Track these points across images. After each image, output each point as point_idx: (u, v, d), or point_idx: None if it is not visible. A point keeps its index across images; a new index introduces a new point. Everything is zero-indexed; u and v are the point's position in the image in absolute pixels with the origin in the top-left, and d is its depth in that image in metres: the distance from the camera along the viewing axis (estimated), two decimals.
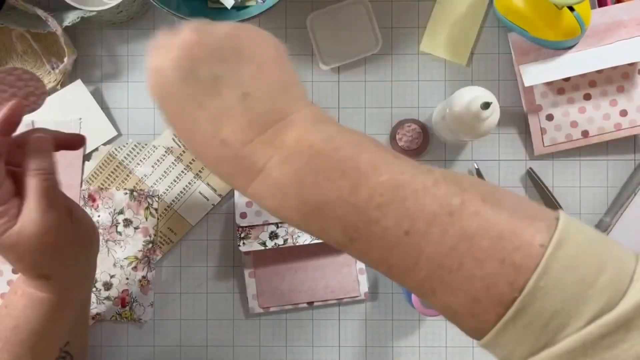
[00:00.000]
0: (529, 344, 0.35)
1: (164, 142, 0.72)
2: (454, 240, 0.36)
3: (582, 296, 0.34)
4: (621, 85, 0.71)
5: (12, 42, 0.71)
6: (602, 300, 0.33)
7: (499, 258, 0.35)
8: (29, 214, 0.50)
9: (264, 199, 0.41)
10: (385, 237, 0.37)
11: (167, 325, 0.73)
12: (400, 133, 0.72)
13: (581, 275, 0.34)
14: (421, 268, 0.37)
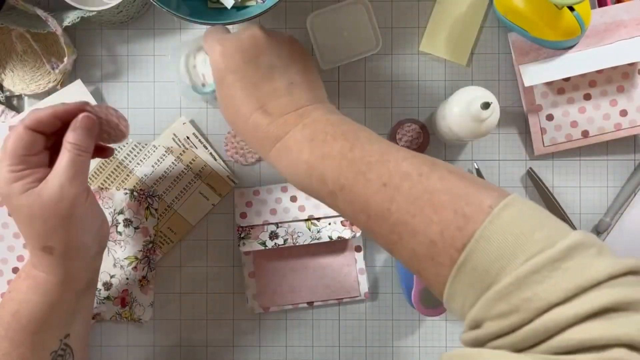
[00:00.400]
0: (477, 287, 0.41)
1: (164, 142, 0.72)
2: (419, 193, 0.45)
3: (519, 244, 0.40)
4: (621, 85, 0.71)
5: (12, 42, 0.71)
6: (535, 248, 0.40)
7: (453, 209, 0.43)
8: (52, 180, 0.54)
9: (282, 157, 0.53)
10: (368, 187, 0.48)
11: (167, 325, 0.73)
12: (400, 133, 0.72)
13: (520, 229, 0.41)
14: (392, 213, 0.46)
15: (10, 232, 0.72)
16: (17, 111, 0.72)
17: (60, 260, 0.56)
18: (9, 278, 0.72)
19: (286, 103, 0.55)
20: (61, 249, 0.56)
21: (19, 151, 0.54)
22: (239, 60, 0.55)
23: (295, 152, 0.52)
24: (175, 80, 0.72)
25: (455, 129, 0.64)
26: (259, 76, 0.55)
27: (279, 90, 0.55)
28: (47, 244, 0.55)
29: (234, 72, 0.55)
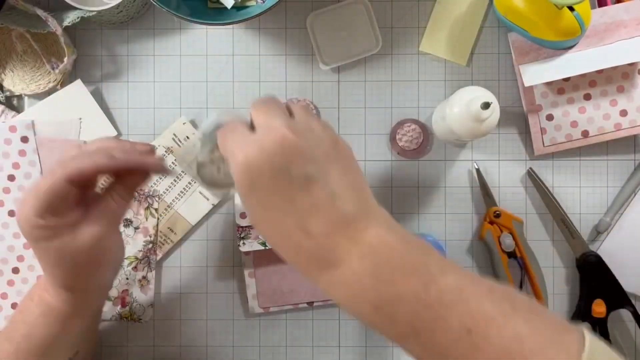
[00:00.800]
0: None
1: (163, 142, 0.72)
2: (508, 340, 0.40)
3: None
4: (621, 85, 0.71)
5: (12, 42, 0.71)
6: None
7: (545, 358, 0.39)
8: (90, 228, 0.52)
9: (338, 289, 0.45)
10: (449, 334, 0.41)
11: (167, 325, 0.73)
12: (400, 133, 0.72)
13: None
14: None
15: (10, 232, 0.72)
16: (17, 111, 0.72)
17: (79, 296, 0.56)
18: (9, 278, 0.72)
19: (330, 220, 0.45)
20: (82, 287, 0.55)
21: (53, 201, 0.50)
22: (267, 175, 0.45)
23: (357, 290, 0.44)
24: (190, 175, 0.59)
25: (455, 129, 0.64)
26: (293, 190, 0.45)
27: (318, 205, 0.45)
28: (67, 282, 0.54)
29: (263, 189, 0.45)
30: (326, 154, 0.47)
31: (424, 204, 0.73)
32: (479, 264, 0.73)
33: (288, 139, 0.45)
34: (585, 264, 0.71)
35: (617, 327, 0.73)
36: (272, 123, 0.46)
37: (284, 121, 0.46)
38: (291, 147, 0.45)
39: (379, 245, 0.45)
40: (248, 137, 0.46)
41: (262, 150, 0.45)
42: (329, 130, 0.49)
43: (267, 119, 0.47)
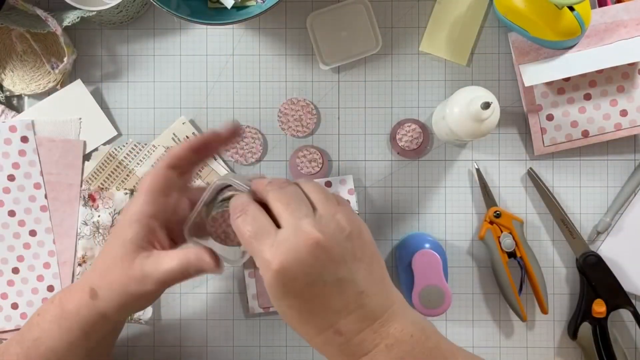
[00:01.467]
0: None
1: (163, 141, 0.72)
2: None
3: None
4: (621, 85, 0.71)
5: (12, 42, 0.71)
6: None
7: None
8: (156, 270, 0.52)
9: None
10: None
11: (167, 325, 0.73)
12: (400, 133, 0.72)
13: None
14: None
15: (10, 232, 0.72)
16: (17, 111, 0.72)
17: (93, 308, 0.55)
18: (9, 278, 0.72)
19: (359, 319, 0.48)
20: (102, 304, 0.54)
21: (159, 187, 0.54)
22: (301, 282, 0.46)
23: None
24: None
25: (455, 129, 0.64)
26: (325, 295, 0.47)
27: (349, 306, 0.47)
28: (98, 290, 0.54)
29: (297, 296, 0.47)
30: (353, 254, 0.48)
31: (424, 204, 0.73)
32: (479, 264, 0.73)
33: (321, 245, 0.46)
34: (586, 264, 0.71)
35: (617, 327, 0.73)
36: (300, 224, 0.46)
37: (312, 221, 0.47)
38: (324, 253, 0.46)
39: (402, 337, 0.48)
40: (276, 239, 0.46)
41: (297, 259, 0.45)
42: (351, 216, 0.49)
43: (293, 218, 0.47)
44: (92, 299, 0.54)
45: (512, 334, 0.73)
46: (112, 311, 0.55)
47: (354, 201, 0.71)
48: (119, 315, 0.56)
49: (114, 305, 0.54)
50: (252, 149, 0.73)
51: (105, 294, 0.54)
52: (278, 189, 0.49)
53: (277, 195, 0.48)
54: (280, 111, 0.73)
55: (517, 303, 0.70)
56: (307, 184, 0.51)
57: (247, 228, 0.48)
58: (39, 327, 0.57)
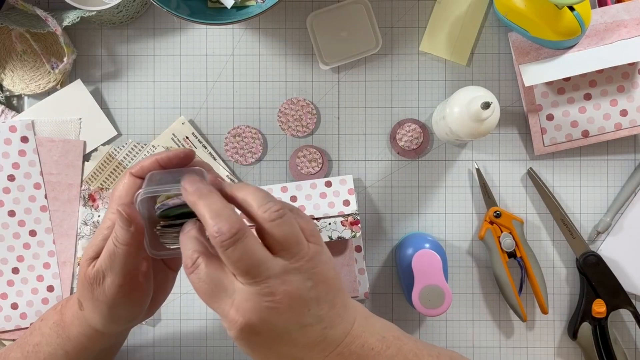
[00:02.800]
0: None
1: (163, 141, 0.72)
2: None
3: None
4: (621, 85, 0.70)
5: (12, 42, 0.71)
6: None
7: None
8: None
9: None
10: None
11: (167, 325, 0.73)
12: (400, 133, 0.72)
13: None
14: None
15: (10, 232, 0.72)
16: (17, 111, 0.72)
17: (84, 320, 0.54)
18: (9, 278, 0.72)
19: (323, 348, 0.48)
20: (88, 315, 0.53)
21: (125, 193, 0.51)
22: (266, 336, 0.45)
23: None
24: None
25: (455, 129, 0.64)
26: (291, 340, 0.46)
27: (314, 342, 0.47)
28: (82, 301, 0.53)
29: (263, 345, 0.46)
30: (317, 299, 0.46)
31: (424, 204, 0.73)
32: (479, 264, 0.73)
33: (283, 306, 0.44)
34: (586, 264, 0.71)
35: (617, 327, 0.73)
36: (260, 289, 0.44)
37: (273, 282, 0.44)
38: (288, 311, 0.44)
39: (364, 352, 0.49)
40: (235, 299, 0.44)
41: (259, 318, 0.44)
42: (316, 258, 0.46)
43: (252, 281, 0.44)
44: (80, 309, 0.54)
45: (512, 334, 0.73)
46: (99, 324, 0.53)
47: (354, 201, 0.71)
48: (106, 326, 0.54)
49: (97, 317, 0.53)
50: (252, 149, 0.73)
51: (87, 305, 0.53)
52: (230, 242, 0.43)
53: (229, 255, 0.43)
54: (280, 111, 0.73)
55: (517, 303, 0.70)
56: (266, 206, 0.45)
57: (203, 287, 0.44)
58: (40, 332, 0.57)
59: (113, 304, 0.51)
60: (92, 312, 0.53)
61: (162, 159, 0.51)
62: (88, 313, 0.53)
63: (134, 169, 0.51)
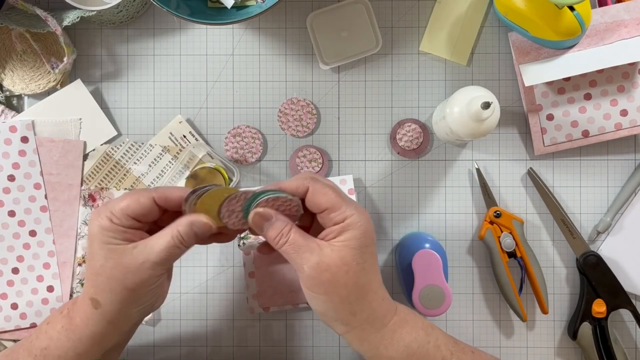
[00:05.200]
0: None
1: (160, 141, 0.72)
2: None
3: None
4: (621, 85, 0.70)
5: (12, 42, 0.71)
6: None
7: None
8: (140, 252, 0.53)
9: (403, 326, 0.56)
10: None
11: (167, 325, 0.73)
12: (400, 133, 0.72)
13: None
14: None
15: (10, 233, 0.72)
16: (17, 111, 0.72)
17: (100, 317, 0.55)
18: (9, 278, 0.72)
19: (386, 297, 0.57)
20: (106, 310, 0.54)
21: (130, 212, 0.53)
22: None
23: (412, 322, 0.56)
24: None
25: (455, 129, 0.64)
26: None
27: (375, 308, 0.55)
28: (98, 298, 0.54)
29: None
30: (372, 263, 0.55)
31: (424, 204, 0.73)
32: (479, 264, 0.73)
33: (353, 270, 0.53)
34: (586, 264, 0.71)
35: (617, 327, 0.73)
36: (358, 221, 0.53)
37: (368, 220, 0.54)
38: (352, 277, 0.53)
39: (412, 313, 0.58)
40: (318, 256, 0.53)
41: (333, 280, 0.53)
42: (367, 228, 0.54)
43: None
44: (95, 308, 0.54)
45: (512, 334, 0.73)
46: (117, 315, 0.55)
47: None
48: (125, 319, 0.56)
49: (117, 308, 0.54)
50: (252, 149, 0.73)
51: (105, 299, 0.54)
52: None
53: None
54: (280, 111, 0.72)
55: (517, 303, 0.70)
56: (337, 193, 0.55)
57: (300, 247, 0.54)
58: (48, 336, 0.57)
59: (142, 291, 0.54)
60: (111, 303, 0.54)
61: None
62: (107, 306, 0.54)
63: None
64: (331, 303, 0.53)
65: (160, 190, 0.54)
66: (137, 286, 0.53)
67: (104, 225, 0.53)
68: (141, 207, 0.53)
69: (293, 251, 0.53)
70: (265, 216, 0.54)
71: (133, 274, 0.53)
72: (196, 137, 0.72)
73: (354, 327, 0.54)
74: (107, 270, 0.53)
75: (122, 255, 0.53)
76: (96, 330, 0.55)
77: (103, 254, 0.53)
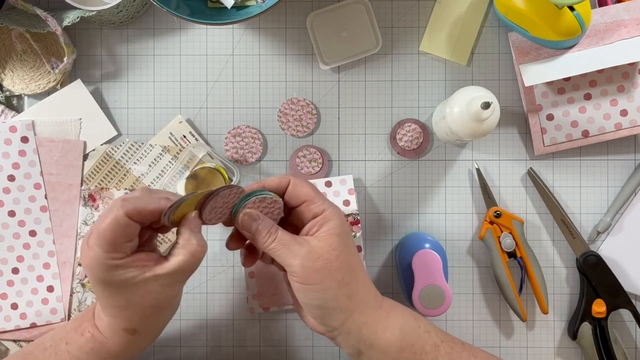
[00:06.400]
0: None
1: (160, 141, 0.72)
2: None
3: None
4: (621, 85, 0.70)
5: (12, 42, 0.71)
6: None
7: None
8: (162, 275, 0.54)
9: (394, 309, 0.59)
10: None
11: (167, 325, 0.73)
12: (400, 133, 0.72)
13: None
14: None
15: (10, 233, 0.72)
16: (17, 111, 0.72)
17: (139, 339, 0.57)
18: (9, 278, 0.72)
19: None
20: (144, 332, 0.57)
21: (118, 240, 0.52)
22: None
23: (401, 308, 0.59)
24: None
25: (455, 129, 0.64)
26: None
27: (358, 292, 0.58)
28: (133, 327, 0.56)
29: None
30: (354, 247, 0.58)
31: (424, 204, 0.73)
32: (479, 264, 0.73)
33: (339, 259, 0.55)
34: (586, 264, 0.71)
35: (617, 327, 0.73)
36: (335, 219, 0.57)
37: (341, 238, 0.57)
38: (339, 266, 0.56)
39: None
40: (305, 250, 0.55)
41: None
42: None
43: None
44: (133, 335, 0.56)
45: (512, 334, 0.73)
46: (155, 331, 0.59)
47: (354, 201, 0.71)
48: (159, 330, 0.60)
49: (156, 325, 0.58)
50: (252, 149, 0.73)
51: (141, 325, 0.56)
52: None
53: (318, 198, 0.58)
54: (280, 111, 0.73)
55: (517, 303, 0.70)
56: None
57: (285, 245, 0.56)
58: (71, 356, 0.57)
59: (173, 303, 0.57)
60: (149, 325, 0.57)
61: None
62: (144, 329, 0.57)
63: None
64: (329, 290, 0.54)
65: (131, 205, 0.53)
66: (168, 303, 0.56)
67: (109, 266, 0.52)
68: (122, 227, 0.52)
69: (281, 247, 0.55)
70: (253, 217, 0.56)
71: (164, 295, 0.55)
72: (196, 137, 0.72)
73: (353, 310, 0.56)
74: (136, 302, 0.54)
75: (146, 286, 0.54)
76: (135, 348, 0.58)
77: (125, 290, 0.54)
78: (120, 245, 0.52)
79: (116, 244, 0.52)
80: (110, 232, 0.52)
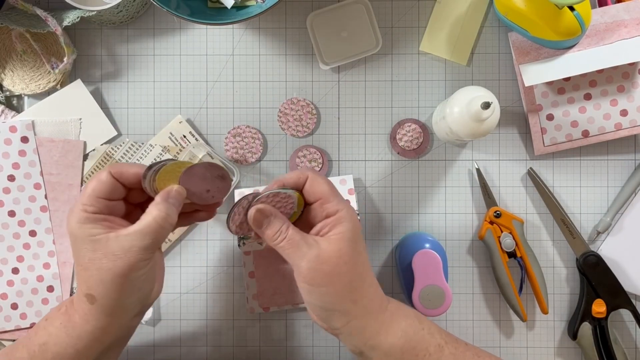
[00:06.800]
0: None
1: (160, 141, 0.72)
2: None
3: None
4: (621, 85, 0.70)
5: (12, 42, 0.71)
6: None
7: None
8: (125, 237, 0.54)
9: (399, 312, 0.59)
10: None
11: (167, 325, 0.73)
12: (400, 133, 0.72)
13: None
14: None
15: (10, 232, 0.72)
16: (17, 111, 0.72)
17: (98, 312, 0.55)
18: (9, 278, 0.72)
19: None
20: (102, 303, 0.55)
21: (97, 193, 0.55)
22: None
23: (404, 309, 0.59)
24: None
25: (455, 129, 0.64)
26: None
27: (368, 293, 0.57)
28: (92, 292, 0.54)
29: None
30: (364, 254, 0.57)
31: (424, 204, 0.73)
32: (479, 264, 0.73)
33: (347, 264, 0.55)
34: (586, 264, 0.71)
35: (617, 327, 0.73)
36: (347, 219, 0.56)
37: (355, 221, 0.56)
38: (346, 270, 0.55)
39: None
40: (313, 253, 0.54)
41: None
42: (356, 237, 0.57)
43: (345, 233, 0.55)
44: (92, 303, 0.54)
45: (512, 334, 0.73)
46: (114, 307, 0.55)
47: (354, 201, 0.71)
48: (123, 310, 0.56)
49: (113, 298, 0.54)
50: (252, 149, 0.73)
51: (99, 292, 0.54)
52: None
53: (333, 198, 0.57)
54: (280, 111, 0.73)
55: (517, 303, 0.70)
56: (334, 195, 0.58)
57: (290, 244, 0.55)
58: (47, 332, 0.57)
59: (133, 276, 0.54)
60: (106, 294, 0.54)
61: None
62: (102, 299, 0.54)
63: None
64: (334, 293, 0.54)
65: (116, 166, 0.56)
66: (128, 271, 0.53)
67: (81, 217, 0.54)
68: (104, 184, 0.55)
69: (290, 247, 0.54)
70: (265, 213, 0.56)
71: (122, 260, 0.53)
72: (196, 137, 0.72)
73: (355, 315, 0.55)
74: (95, 262, 0.53)
75: (107, 244, 0.53)
76: (96, 325, 0.55)
77: (88, 247, 0.53)
78: (96, 199, 0.54)
79: (93, 196, 0.54)
80: (92, 187, 0.55)
